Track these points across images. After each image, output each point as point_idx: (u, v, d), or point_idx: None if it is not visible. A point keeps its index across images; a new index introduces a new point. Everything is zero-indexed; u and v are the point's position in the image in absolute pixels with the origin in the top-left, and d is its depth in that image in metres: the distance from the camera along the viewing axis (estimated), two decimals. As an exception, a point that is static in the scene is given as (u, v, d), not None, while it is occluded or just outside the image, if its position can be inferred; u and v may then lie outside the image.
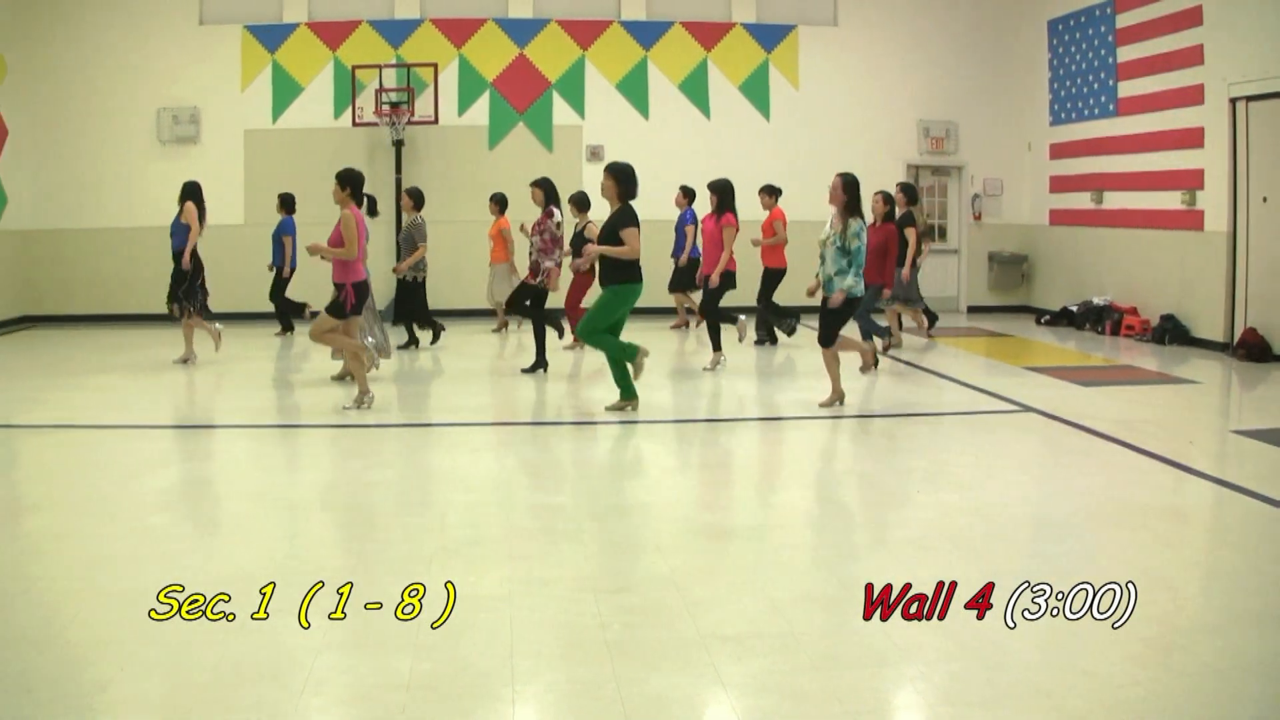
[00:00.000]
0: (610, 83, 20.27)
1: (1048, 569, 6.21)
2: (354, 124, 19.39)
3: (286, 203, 16.77)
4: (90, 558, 6.71)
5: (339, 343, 11.23)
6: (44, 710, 4.61)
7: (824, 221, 11.31)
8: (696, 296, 16.04)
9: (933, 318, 17.03)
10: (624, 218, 10.66)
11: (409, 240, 15.03)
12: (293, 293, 17.16)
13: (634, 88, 20.29)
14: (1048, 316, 19.05)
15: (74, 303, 19.48)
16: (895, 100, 20.59)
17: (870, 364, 13.12)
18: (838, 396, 11.17)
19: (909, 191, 15.44)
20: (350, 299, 10.93)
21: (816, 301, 11.15)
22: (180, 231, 13.97)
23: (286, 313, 17.16)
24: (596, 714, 4.57)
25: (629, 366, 10.88)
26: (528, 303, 13.64)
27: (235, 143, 19.63)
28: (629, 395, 10.93)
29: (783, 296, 15.61)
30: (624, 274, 10.73)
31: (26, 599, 5.82)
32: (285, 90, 19.80)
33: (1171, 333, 15.99)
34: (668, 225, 17.54)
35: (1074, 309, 18.32)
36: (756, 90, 20.39)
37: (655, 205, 16.10)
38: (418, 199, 15.28)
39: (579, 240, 13.78)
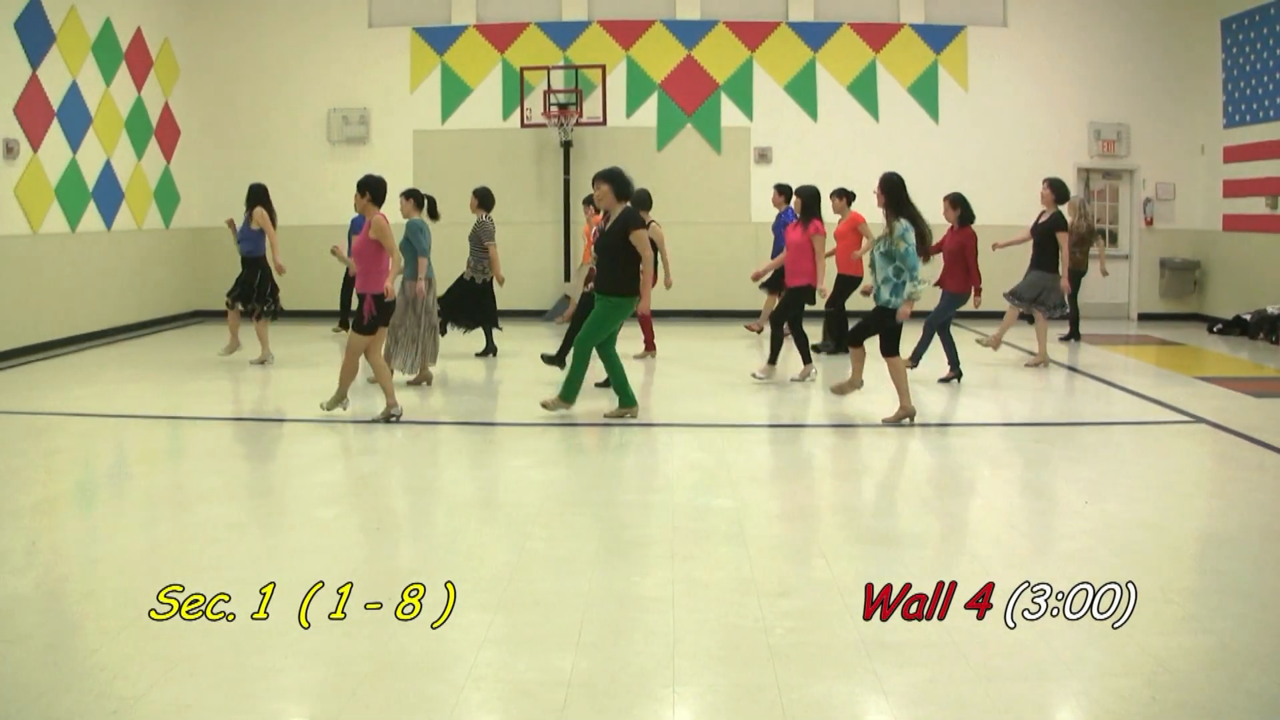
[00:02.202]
0: (778, 84, 20.24)
1: (1217, 585, 6.08)
2: (522, 125, 19.74)
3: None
4: (258, 549, 6.97)
5: (373, 364, 10.86)
6: (208, 695, 4.78)
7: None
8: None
9: (1074, 333, 16.74)
10: (634, 219, 10.50)
11: (475, 240, 14.47)
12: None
13: (802, 89, 20.22)
14: (1220, 325, 18.48)
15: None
16: (1065, 101, 20.16)
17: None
18: (906, 413, 10.59)
19: (1057, 188, 14.33)
20: (370, 310, 10.45)
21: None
22: (250, 237, 14.07)
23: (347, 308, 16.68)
24: (756, 718, 4.60)
25: (570, 394, 10.84)
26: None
27: (404, 143, 20.11)
28: (628, 402, 10.89)
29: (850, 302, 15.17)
30: (627, 285, 10.53)
31: (194, 586, 6.00)
32: (454, 91, 20.19)
33: (1349, 344, 15.48)
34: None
35: (1247, 318, 17.74)
36: (925, 92, 20.17)
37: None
38: (484, 200, 14.56)
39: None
